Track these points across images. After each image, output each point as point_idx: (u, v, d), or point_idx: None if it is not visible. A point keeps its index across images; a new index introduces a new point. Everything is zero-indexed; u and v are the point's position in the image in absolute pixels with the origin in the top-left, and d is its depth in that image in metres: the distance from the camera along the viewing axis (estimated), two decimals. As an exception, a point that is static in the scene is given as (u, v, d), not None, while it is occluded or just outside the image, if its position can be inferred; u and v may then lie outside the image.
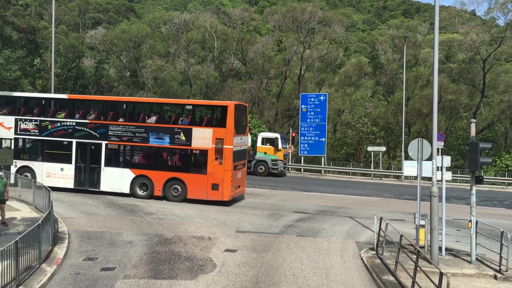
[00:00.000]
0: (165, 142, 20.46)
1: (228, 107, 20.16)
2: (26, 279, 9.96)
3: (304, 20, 49.16)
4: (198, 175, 20.12)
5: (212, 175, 19.88)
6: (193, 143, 20.17)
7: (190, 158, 20.57)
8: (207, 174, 19.98)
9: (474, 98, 47.42)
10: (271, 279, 11.10)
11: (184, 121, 20.86)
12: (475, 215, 13.24)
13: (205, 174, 20.01)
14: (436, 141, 13.60)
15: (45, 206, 15.37)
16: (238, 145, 20.70)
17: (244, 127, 22.20)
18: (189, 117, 21.04)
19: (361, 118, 47.77)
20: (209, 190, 19.97)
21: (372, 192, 28.80)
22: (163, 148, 20.62)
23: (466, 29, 44.70)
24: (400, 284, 10.86)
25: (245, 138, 22.16)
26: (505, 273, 12.31)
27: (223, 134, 19.80)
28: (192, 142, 20.17)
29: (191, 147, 20.28)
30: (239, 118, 21.11)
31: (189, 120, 20.85)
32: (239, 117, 21.28)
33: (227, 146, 19.75)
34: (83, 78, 54.29)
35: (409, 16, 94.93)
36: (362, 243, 15.15)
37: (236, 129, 20.23)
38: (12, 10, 49.61)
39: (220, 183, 19.78)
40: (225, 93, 53.72)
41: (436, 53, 13.47)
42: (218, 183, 19.79)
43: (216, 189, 19.86)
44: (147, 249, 13.04)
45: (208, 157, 19.91)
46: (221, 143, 19.74)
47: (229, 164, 19.80)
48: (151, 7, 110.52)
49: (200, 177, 20.07)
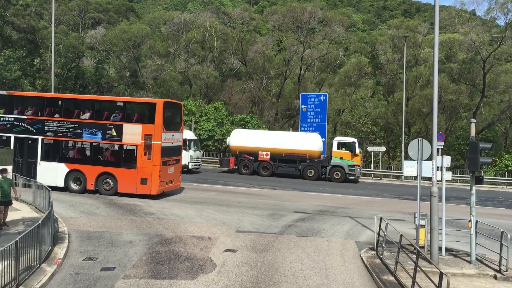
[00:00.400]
0: (97, 138, 21.20)
1: (157, 105, 20.85)
2: (26, 279, 9.96)
3: (304, 20, 49.20)
4: (128, 170, 20.83)
5: (141, 169, 20.59)
6: (124, 138, 20.91)
7: (121, 153, 21.29)
8: (136, 168, 20.67)
9: (474, 98, 47.43)
10: (271, 279, 11.10)
11: (115, 117, 21.40)
12: (475, 215, 13.24)
13: (134, 169, 20.70)
14: (436, 141, 13.60)
15: (45, 206, 15.37)
16: (169, 141, 21.38)
17: (178, 124, 22.92)
18: (121, 113, 21.50)
19: (361, 118, 47.79)
20: (138, 184, 20.67)
21: (372, 192, 28.80)
22: (95, 143, 21.37)
23: (466, 29, 44.71)
24: (400, 284, 10.86)
25: (178, 135, 22.74)
26: (505, 273, 12.31)
27: (151, 130, 20.50)
28: (123, 138, 20.91)
29: (122, 143, 21.04)
30: (170, 115, 22.07)
31: (120, 116, 21.36)
32: (170, 114, 22.25)
33: (156, 142, 20.46)
34: (83, 78, 54.36)
35: (409, 16, 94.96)
36: (362, 243, 15.15)
37: (166, 126, 20.90)
38: (12, 10, 49.67)
39: (148, 178, 20.51)
40: (225, 93, 53.78)
41: (436, 53, 13.46)
42: (147, 178, 20.52)
43: (145, 183, 20.57)
44: (147, 249, 13.04)
45: (138, 152, 20.65)
46: (150, 139, 20.47)
47: (157, 159, 20.50)
48: (151, 7, 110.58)
49: (130, 171, 20.78)
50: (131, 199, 20.67)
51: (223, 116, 47.87)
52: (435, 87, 13.42)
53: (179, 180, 23.23)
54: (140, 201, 20.31)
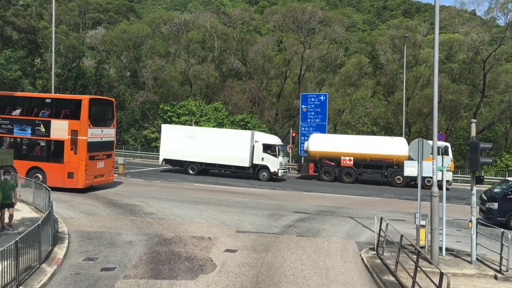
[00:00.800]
0: (27, 133, 22.04)
1: (82, 101, 21.73)
2: (26, 279, 9.95)
3: (304, 20, 49.18)
4: (56, 164, 21.58)
5: (68, 164, 21.41)
6: (52, 134, 21.72)
7: (49, 148, 22.00)
8: (63, 163, 21.47)
9: (474, 98, 47.40)
10: (271, 279, 11.09)
11: (44, 113, 22.14)
12: (475, 215, 13.22)
13: (62, 163, 21.49)
14: (437, 141, 13.58)
15: (45, 206, 15.36)
16: (97, 137, 22.16)
17: (108, 120, 23.73)
18: (49, 110, 22.24)
19: (361, 118, 47.78)
20: (66, 178, 21.43)
21: (372, 192, 28.78)
22: (25, 139, 22.23)
23: (466, 29, 44.68)
24: (401, 284, 10.85)
25: (109, 130, 23.40)
26: (505, 273, 12.30)
27: (77, 126, 21.35)
28: (51, 134, 21.73)
29: (50, 138, 21.82)
30: (97, 111, 23.04)
31: (48, 113, 22.13)
32: (98, 110, 23.25)
33: (81, 137, 21.29)
34: (83, 78, 54.35)
35: (409, 16, 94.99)
36: (363, 243, 15.14)
37: (93, 122, 21.75)
38: (13, 10, 49.68)
39: (75, 172, 21.29)
40: (225, 93, 53.75)
41: (436, 53, 13.44)
42: (73, 172, 21.31)
43: (72, 177, 21.37)
44: (147, 249, 13.03)
45: (65, 147, 21.46)
46: (76, 134, 21.32)
47: (83, 154, 21.30)
48: (151, 7, 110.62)
49: (57, 166, 21.54)
50: (131, 199, 20.68)
51: (223, 116, 47.87)
52: (435, 87, 13.40)
53: (111, 174, 24.03)
54: (140, 201, 20.31)
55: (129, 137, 52.10)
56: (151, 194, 22.81)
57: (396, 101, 47.33)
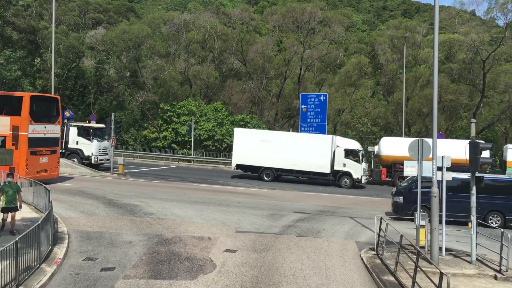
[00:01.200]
0: None
1: (23, 98, 22.51)
2: (26, 279, 9.95)
3: (304, 20, 49.15)
4: None
5: None
6: None
7: None
8: None
9: (474, 98, 47.39)
10: (271, 279, 11.09)
11: None
12: (475, 215, 13.22)
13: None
14: (437, 141, 13.58)
15: (45, 206, 15.35)
16: (40, 133, 22.91)
17: (53, 117, 24.31)
18: None
19: (361, 118, 47.76)
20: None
21: (372, 192, 28.77)
22: None
23: (466, 29, 44.67)
24: (400, 284, 10.85)
25: (53, 127, 24.07)
26: (505, 273, 12.31)
27: (18, 122, 22.11)
28: None
29: None
30: (40, 108, 23.56)
31: None
32: (41, 107, 23.76)
33: (22, 133, 22.06)
34: (83, 78, 54.34)
35: (409, 16, 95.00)
36: (362, 243, 15.15)
37: (35, 118, 22.48)
38: (13, 10, 49.67)
39: (16, 167, 21.50)
40: (225, 93, 53.74)
41: (436, 53, 13.45)
42: (14, 167, 21.38)
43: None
44: (147, 249, 13.03)
45: (7, 142, 22.18)
46: (17, 130, 22.06)
47: (24, 149, 22.05)
48: (151, 7, 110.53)
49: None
50: (130, 199, 20.66)
51: (223, 116, 47.88)
52: (435, 87, 13.41)
53: (56, 170, 24.65)
54: (140, 201, 20.30)
55: (128, 137, 52.08)
56: (151, 194, 22.81)
57: (396, 101, 47.31)
